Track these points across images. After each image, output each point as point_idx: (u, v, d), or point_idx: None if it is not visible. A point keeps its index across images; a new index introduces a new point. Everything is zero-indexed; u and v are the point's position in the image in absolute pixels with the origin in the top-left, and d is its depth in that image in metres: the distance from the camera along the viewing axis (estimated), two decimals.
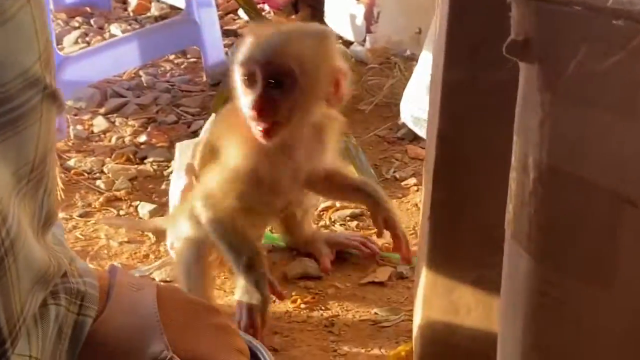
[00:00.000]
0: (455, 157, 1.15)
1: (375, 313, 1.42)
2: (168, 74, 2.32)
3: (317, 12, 2.71)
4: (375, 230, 1.63)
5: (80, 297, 1.09)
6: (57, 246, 1.03)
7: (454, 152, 1.15)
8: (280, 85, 1.21)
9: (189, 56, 2.43)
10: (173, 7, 2.60)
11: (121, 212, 1.71)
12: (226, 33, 2.48)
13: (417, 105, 1.90)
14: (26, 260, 0.91)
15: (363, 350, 1.34)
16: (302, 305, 1.44)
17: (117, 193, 1.76)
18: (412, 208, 1.73)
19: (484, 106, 1.09)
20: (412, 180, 1.82)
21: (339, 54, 1.31)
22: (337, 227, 1.67)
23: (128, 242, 1.60)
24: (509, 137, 0.76)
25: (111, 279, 1.19)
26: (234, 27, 2.64)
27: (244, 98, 1.24)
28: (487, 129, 1.08)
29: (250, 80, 1.22)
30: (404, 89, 2.09)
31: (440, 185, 1.17)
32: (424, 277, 1.21)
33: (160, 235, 1.59)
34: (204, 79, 2.30)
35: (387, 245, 1.59)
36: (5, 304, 0.89)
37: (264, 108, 1.21)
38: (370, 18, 2.43)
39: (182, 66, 2.39)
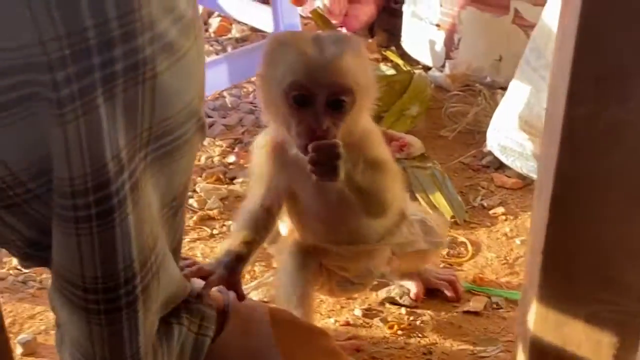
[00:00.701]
0: (573, 193, 1.16)
1: (474, 343, 1.42)
2: (251, 95, 2.35)
3: (393, 36, 2.73)
4: (466, 257, 1.65)
5: (200, 317, 1.12)
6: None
7: (572, 188, 1.16)
8: (340, 105, 1.14)
9: None
10: (254, 29, 2.63)
11: (214, 232, 1.74)
12: None
13: (504, 135, 1.91)
14: (166, 283, 0.94)
15: None
16: (399, 332, 1.45)
17: (210, 212, 1.80)
18: (501, 237, 1.73)
19: (607, 142, 1.09)
20: (500, 209, 1.82)
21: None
22: None
23: None
24: (629, 173, 0.76)
25: (225, 298, 1.22)
26: None
27: (292, 118, 1.15)
28: (609, 165, 1.09)
29: (304, 101, 1.13)
30: (487, 116, 2.10)
31: (556, 220, 1.17)
32: (534, 311, 1.21)
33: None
34: None
35: (480, 276, 1.60)
36: (144, 325, 0.92)
37: (327, 129, 1.13)
38: (450, 44, 2.44)
39: None
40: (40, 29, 0.67)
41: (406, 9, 2.60)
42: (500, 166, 1.98)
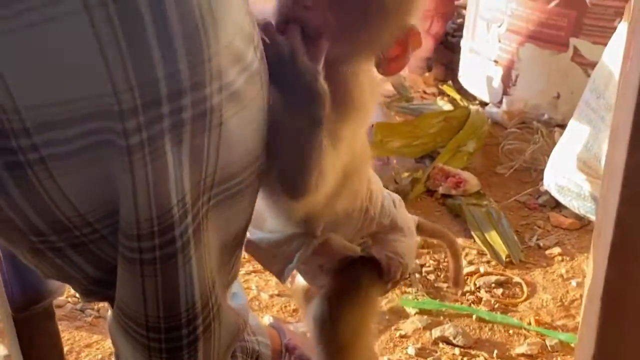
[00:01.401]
0: (633, 239, 1.15)
1: None
2: None
3: (450, 70, 2.74)
4: (521, 298, 1.64)
5: (255, 357, 1.13)
6: (233, 301, 1.08)
7: (632, 235, 1.15)
8: None
9: None
10: None
11: None
12: None
13: (562, 174, 1.90)
14: (225, 323, 0.95)
15: None
16: None
17: None
18: (557, 279, 1.72)
19: None
20: (556, 250, 1.81)
21: (420, 13, 0.96)
22: (483, 294, 1.67)
23: (278, 295, 1.64)
24: None
25: (281, 337, 1.22)
26: None
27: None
28: None
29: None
30: (544, 154, 2.09)
31: (615, 267, 1.16)
32: (591, 355, 1.20)
33: None
34: None
35: (535, 318, 1.58)
36: None
37: (319, 8, 0.87)
38: (508, 80, 2.44)
39: None
40: (114, 79, 0.68)
41: (464, 43, 2.61)
42: (557, 205, 1.96)
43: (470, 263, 1.75)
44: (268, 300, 1.63)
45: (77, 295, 0.95)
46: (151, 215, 0.78)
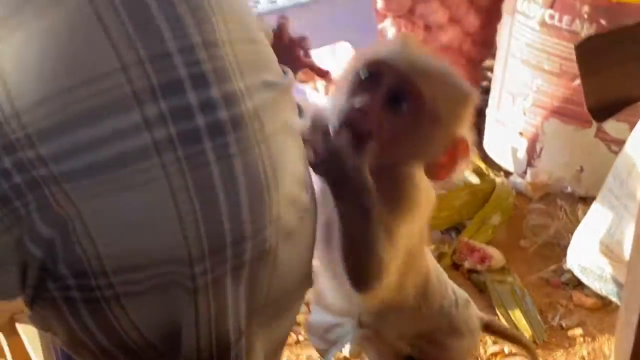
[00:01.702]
0: None
1: None
2: None
3: (475, 135, 2.81)
4: None
5: None
6: None
7: None
8: (399, 104, 0.96)
9: None
10: None
11: (300, 337, 1.82)
12: None
13: (585, 256, 1.95)
14: None
15: None
16: None
17: (298, 317, 1.87)
18: None
19: None
20: (579, 331, 1.86)
21: (470, 124, 1.04)
22: None
23: None
24: None
25: None
26: None
27: (349, 96, 0.98)
28: None
29: (368, 81, 0.98)
30: (567, 231, 2.15)
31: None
32: None
33: None
34: None
35: None
36: None
37: (372, 114, 0.95)
38: (532, 152, 2.50)
39: None
40: (187, 234, 0.76)
41: (489, 113, 2.68)
42: (579, 284, 2.02)
43: (495, 342, 1.81)
44: None
45: None
46: (210, 342, 0.85)
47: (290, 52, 1.19)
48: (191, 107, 0.74)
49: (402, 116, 0.97)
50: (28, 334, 1.59)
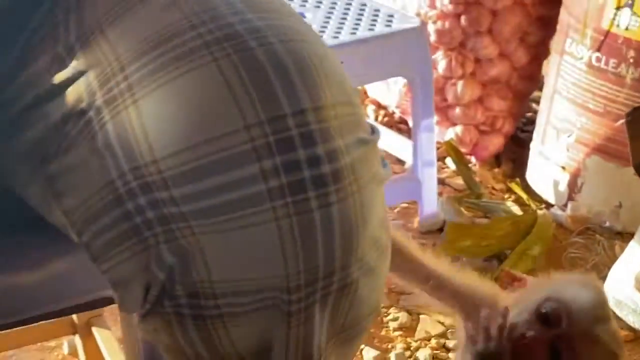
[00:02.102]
0: None
1: None
2: None
3: (518, 166, 2.92)
4: None
5: None
6: None
7: None
8: (558, 355, 1.09)
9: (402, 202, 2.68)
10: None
11: None
12: None
13: (620, 290, 2.06)
14: None
15: None
16: None
17: None
18: None
19: None
20: None
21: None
22: None
23: None
24: None
25: None
26: (442, 175, 2.87)
27: (525, 318, 1.11)
28: None
29: (547, 319, 1.09)
30: (604, 265, 2.26)
31: None
32: None
33: None
34: (415, 225, 2.55)
35: None
36: None
37: (533, 351, 1.08)
38: (573, 186, 2.61)
39: (396, 210, 2.63)
40: (289, 268, 0.89)
41: (534, 146, 2.79)
42: (614, 317, 2.12)
43: None
44: None
45: None
46: None
47: None
48: (300, 162, 0.87)
49: None
50: (103, 337, 1.74)
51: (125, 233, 0.90)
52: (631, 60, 2.38)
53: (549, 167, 2.70)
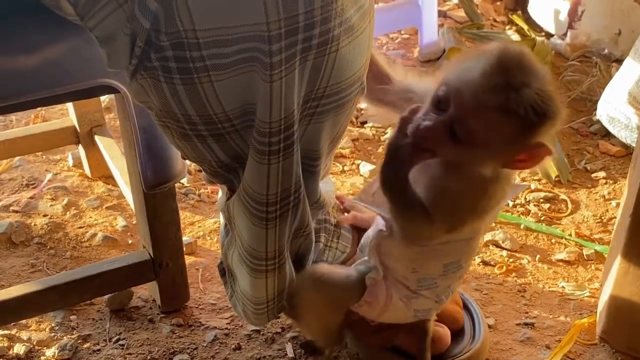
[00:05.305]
0: None
1: (563, 287, 1.65)
2: (384, 47, 2.57)
3: (520, 0, 2.90)
4: (565, 213, 1.86)
5: (337, 237, 1.39)
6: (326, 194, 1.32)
7: None
8: (455, 134, 1.03)
9: (402, 32, 2.69)
10: None
11: (345, 168, 2.00)
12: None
13: (614, 106, 2.09)
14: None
15: (550, 316, 1.57)
16: (499, 271, 1.69)
17: (342, 151, 2.06)
18: (599, 199, 1.93)
19: None
20: (602, 174, 2.02)
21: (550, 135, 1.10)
22: (531, 207, 1.89)
23: (353, 194, 1.88)
24: None
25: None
26: (444, 8, 2.86)
27: (427, 108, 1.07)
28: None
29: (442, 102, 1.04)
30: (600, 87, 2.28)
31: None
32: (618, 264, 1.43)
33: None
34: (415, 54, 2.56)
35: (576, 230, 1.81)
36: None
37: (433, 138, 1.04)
38: (573, 15, 2.60)
39: (397, 41, 2.64)
40: (268, 12, 0.92)
41: None
42: (607, 134, 2.16)
43: (523, 180, 1.97)
44: None
45: (204, 175, 1.20)
46: (280, 117, 1.02)
47: None
48: None
49: (458, 143, 1.03)
50: (106, 144, 1.79)
51: None
52: None
53: None
